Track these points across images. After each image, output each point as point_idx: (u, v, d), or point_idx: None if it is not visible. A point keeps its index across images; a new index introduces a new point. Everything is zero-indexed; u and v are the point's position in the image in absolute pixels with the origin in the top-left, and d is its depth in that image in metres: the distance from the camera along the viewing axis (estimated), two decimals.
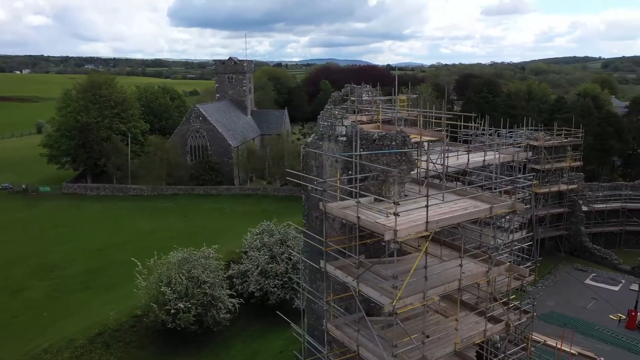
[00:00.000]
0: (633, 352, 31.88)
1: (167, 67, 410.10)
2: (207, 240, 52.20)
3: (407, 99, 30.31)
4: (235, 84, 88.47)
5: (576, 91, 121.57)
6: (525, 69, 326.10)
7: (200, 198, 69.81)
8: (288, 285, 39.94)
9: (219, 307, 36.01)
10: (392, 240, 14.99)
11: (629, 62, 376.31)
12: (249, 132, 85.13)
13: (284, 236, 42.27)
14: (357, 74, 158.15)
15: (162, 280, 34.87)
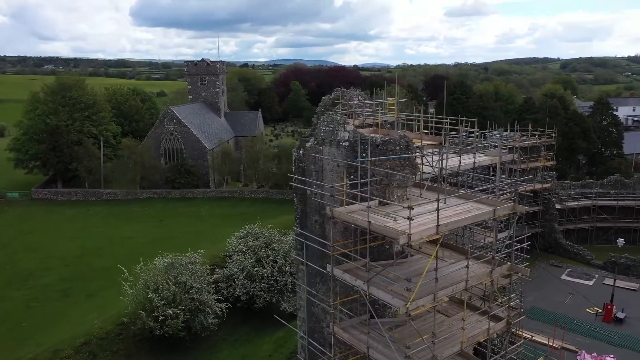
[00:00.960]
0: (611, 344, 33.18)
1: (131, 68, 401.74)
2: (186, 244, 51.67)
3: (396, 103, 30.87)
4: (209, 85, 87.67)
5: (539, 91, 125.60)
6: (489, 69, 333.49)
7: (176, 202, 68.95)
8: (274, 288, 40.04)
9: (207, 312, 35.78)
10: (405, 244, 15.32)
11: (586, 62, 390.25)
12: (223, 134, 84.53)
13: (269, 239, 42.29)
14: (327, 74, 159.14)
15: (149, 286, 34.38)
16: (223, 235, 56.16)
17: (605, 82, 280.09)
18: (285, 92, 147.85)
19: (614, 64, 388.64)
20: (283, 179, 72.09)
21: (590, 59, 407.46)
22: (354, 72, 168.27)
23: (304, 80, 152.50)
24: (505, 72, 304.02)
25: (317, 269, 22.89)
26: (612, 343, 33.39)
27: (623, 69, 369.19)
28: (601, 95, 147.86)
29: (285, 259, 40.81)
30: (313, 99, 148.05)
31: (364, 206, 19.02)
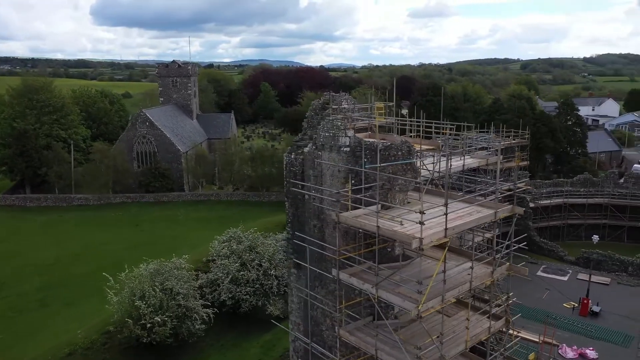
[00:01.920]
0: (589, 337, 34.54)
1: (92, 68, 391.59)
2: (166, 249, 51.19)
3: (384, 107, 31.38)
4: (180, 87, 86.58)
5: (505, 92, 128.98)
6: (452, 70, 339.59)
7: (151, 206, 67.86)
8: (260, 291, 40.01)
9: (194, 318, 35.47)
10: (417, 248, 15.74)
11: (545, 63, 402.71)
12: (196, 137, 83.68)
13: (252, 242, 42.21)
14: (295, 75, 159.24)
15: (135, 294, 33.84)
16: (202, 239, 55.74)
17: (564, 83, 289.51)
18: (254, 93, 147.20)
19: (571, 65, 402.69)
20: (259, 181, 72.01)
21: (548, 60, 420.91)
22: (322, 72, 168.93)
23: (273, 82, 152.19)
24: (468, 73, 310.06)
25: (316, 272, 23.10)
26: (590, 336, 34.76)
27: (579, 70, 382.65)
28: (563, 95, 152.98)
29: (270, 262, 40.85)
30: (283, 100, 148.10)
31: (369, 210, 19.42)
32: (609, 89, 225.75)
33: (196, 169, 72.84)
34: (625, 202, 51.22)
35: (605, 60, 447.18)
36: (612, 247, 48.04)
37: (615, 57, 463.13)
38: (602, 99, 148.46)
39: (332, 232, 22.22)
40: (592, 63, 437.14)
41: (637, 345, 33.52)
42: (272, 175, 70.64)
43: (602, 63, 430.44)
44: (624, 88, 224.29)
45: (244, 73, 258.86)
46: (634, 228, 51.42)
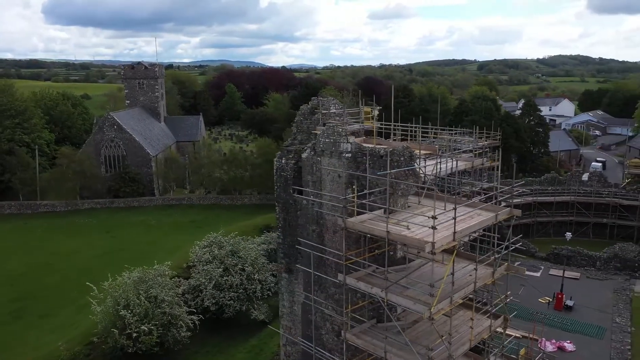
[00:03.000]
0: (565, 331, 36.02)
1: (46, 69, 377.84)
2: (141, 256, 50.29)
3: (372, 111, 31.87)
4: (147, 89, 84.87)
5: (468, 93, 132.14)
6: (413, 71, 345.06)
7: (122, 211, 66.31)
8: (243, 296, 39.78)
9: (180, 325, 34.99)
10: (430, 252, 16.19)
11: (501, 64, 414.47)
12: (165, 140, 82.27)
13: (234, 247, 41.93)
14: (260, 77, 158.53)
15: (119, 303, 33.11)
16: (177, 244, 54.98)
17: (519, 83, 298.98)
18: (219, 94, 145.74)
19: (525, 66, 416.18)
20: (232, 184, 71.46)
21: (504, 61, 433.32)
22: (287, 74, 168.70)
23: (238, 83, 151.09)
24: (428, 74, 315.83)
25: (315, 276, 23.29)
26: (566, 329, 36.25)
27: (533, 71, 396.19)
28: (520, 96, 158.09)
29: (253, 267, 40.69)
30: (248, 102, 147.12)
31: (374, 215, 19.79)
32: (562, 89, 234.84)
33: (167, 173, 71.63)
34: (590, 199, 53.52)
35: (557, 61, 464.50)
36: (579, 243, 50.12)
37: (566, 58, 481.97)
38: (558, 99, 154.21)
39: (332, 236, 22.51)
40: (545, 64, 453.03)
41: (610, 337, 35.18)
42: (245, 179, 70.29)
43: (554, 64, 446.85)
44: (576, 88, 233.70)
45: (206, 74, 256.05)
46: (599, 224, 53.80)
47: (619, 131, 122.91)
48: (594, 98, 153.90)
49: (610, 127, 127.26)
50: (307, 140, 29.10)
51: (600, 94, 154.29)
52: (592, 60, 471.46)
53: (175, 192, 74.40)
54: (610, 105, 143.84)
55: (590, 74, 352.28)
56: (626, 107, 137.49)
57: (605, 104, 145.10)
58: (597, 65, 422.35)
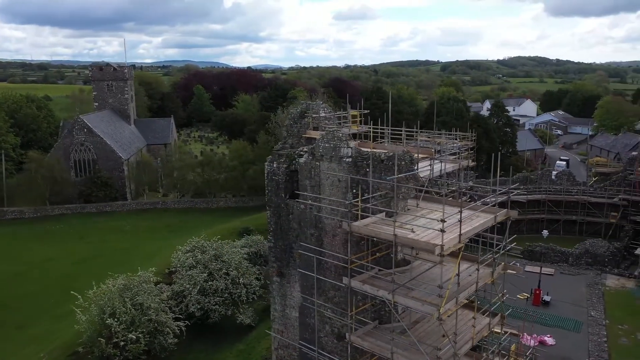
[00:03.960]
0: (545, 325, 37.29)
1: (1, 69, 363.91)
2: (118, 262, 49.41)
3: (359, 114, 32.27)
4: (116, 91, 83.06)
5: (435, 94, 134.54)
6: (378, 71, 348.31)
7: (94, 216, 64.73)
8: (229, 301, 39.53)
9: (166, 332, 34.52)
10: (439, 254, 16.62)
11: (463, 65, 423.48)
12: (136, 143, 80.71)
13: (218, 251, 41.59)
14: (229, 78, 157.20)
15: (104, 311, 32.43)
16: (155, 249, 54.15)
17: (481, 84, 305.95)
18: (187, 96, 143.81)
19: (486, 67, 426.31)
20: (206, 187, 70.79)
21: (466, 62, 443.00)
22: (256, 75, 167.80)
23: (206, 84, 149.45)
24: (393, 74, 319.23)
25: (313, 280, 23.48)
26: (545, 324, 37.51)
27: (494, 71, 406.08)
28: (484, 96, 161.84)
29: (237, 271, 40.48)
30: (217, 103, 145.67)
31: (377, 219, 20.13)
32: (523, 89, 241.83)
33: (140, 177, 70.30)
34: (560, 197, 55.46)
35: (516, 62, 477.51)
36: (551, 240, 51.80)
37: (525, 59, 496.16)
38: (521, 99, 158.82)
39: (331, 240, 22.75)
40: (505, 65, 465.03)
41: (587, 330, 36.61)
42: (220, 181, 69.75)
43: (514, 65, 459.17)
44: (535, 89, 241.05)
45: (170, 74, 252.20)
46: (569, 221, 55.80)
47: (579, 130, 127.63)
48: (555, 98, 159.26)
49: (571, 127, 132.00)
50: (298, 144, 29.30)
51: (560, 95, 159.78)
52: (550, 61, 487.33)
53: (148, 195, 73.10)
54: (570, 105, 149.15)
55: (548, 74, 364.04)
56: (585, 107, 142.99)
57: (565, 104, 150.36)
58: (555, 66, 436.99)
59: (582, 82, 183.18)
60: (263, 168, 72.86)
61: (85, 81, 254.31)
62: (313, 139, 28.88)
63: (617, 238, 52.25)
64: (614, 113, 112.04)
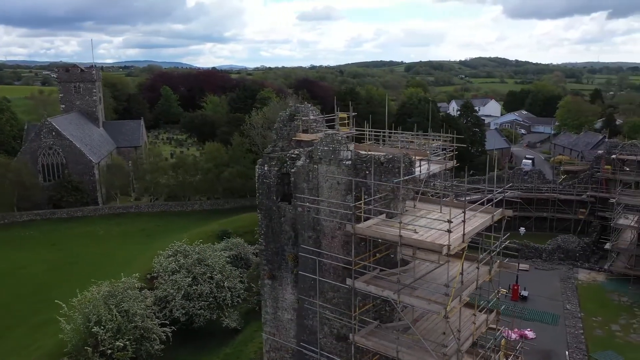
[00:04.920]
0: (524, 320, 38.50)
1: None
2: (94, 269, 48.50)
3: (348, 117, 32.61)
4: (84, 93, 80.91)
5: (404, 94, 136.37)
6: (344, 72, 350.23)
7: (65, 222, 62.98)
8: (213, 305, 39.29)
9: (153, 338, 34.07)
10: (445, 254, 17.09)
11: (427, 66, 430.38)
12: (106, 146, 78.87)
13: (201, 255, 41.27)
14: (196, 79, 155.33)
15: (90, 319, 31.75)
16: (132, 254, 53.21)
17: (445, 84, 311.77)
18: (153, 97, 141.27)
19: (449, 67, 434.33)
20: (181, 190, 69.89)
21: (429, 63, 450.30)
22: (224, 75, 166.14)
23: (173, 85, 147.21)
24: (359, 75, 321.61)
25: (311, 282, 23.68)
26: (524, 318, 38.72)
27: (457, 72, 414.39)
28: (449, 96, 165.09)
29: (222, 274, 40.26)
30: (185, 104, 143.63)
31: (379, 220, 20.48)
32: (485, 89, 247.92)
33: (112, 180, 68.75)
34: (532, 195, 57.28)
35: (478, 63, 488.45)
36: (524, 236, 53.47)
37: (486, 60, 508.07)
38: (486, 99, 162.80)
39: (330, 242, 22.98)
40: (467, 66, 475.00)
41: (564, 323, 38.04)
42: (194, 184, 68.99)
43: (475, 66, 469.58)
44: (497, 89, 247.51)
45: (132, 75, 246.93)
46: (540, 218, 57.69)
47: (542, 129, 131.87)
48: (518, 99, 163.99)
49: (534, 126, 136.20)
50: (289, 147, 29.41)
51: (523, 95, 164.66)
52: (509, 62, 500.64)
53: (120, 200, 71.59)
54: (532, 105, 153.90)
55: (508, 75, 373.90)
56: (546, 107, 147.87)
57: (528, 104, 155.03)
58: (514, 67, 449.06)
59: (543, 83, 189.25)
60: (238, 170, 72.61)
61: (43, 82, 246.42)
62: (303, 142, 29.13)
63: (586, 233, 54.35)
64: (574, 112, 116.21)
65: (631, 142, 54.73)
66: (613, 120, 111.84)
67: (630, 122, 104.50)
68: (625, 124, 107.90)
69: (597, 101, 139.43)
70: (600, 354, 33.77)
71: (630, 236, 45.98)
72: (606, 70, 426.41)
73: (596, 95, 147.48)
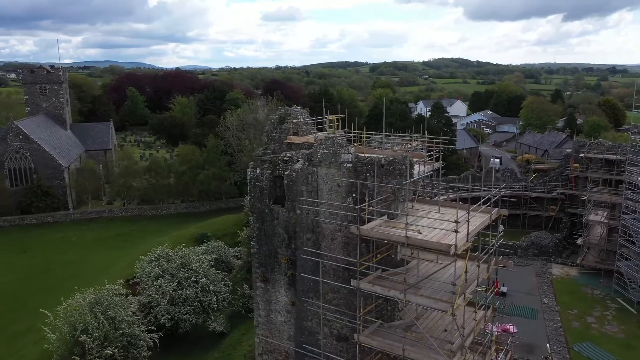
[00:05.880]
0: (505, 315, 39.47)
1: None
2: (69, 276, 47.58)
3: (337, 119, 32.94)
4: (50, 95, 78.53)
5: (373, 95, 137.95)
6: (310, 72, 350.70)
7: (35, 228, 61.07)
8: (199, 309, 38.92)
9: (140, 345, 33.54)
10: (453, 254, 17.59)
11: (391, 66, 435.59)
12: (75, 149, 76.76)
13: (185, 259, 40.79)
14: (163, 80, 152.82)
15: (76, 328, 31.01)
16: (108, 260, 52.14)
17: (409, 84, 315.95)
18: (119, 98, 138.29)
19: (413, 68, 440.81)
20: (155, 193, 68.79)
21: (393, 63, 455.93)
22: (192, 76, 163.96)
23: (139, 86, 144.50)
24: (325, 76, 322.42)
25: (310, 283, 23.89)
26: (505, 313, 39.77)
27: (420, 72, 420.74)
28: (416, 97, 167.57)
29: (207, 278, 39.92)
30: (152, 106, 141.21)
31: (382, 221, 20.85)
32: (448, 90, 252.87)
33: (84, 185, 67.00)
34: (505, 193, 58.81)
35: (440, 63, 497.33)
36: None
37: (448, 61, 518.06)
38: (452, 100, 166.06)
39: (329, 243, 23.23)
40: (430, 66, 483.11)
41: (542, 316, 39.35)
42: (169, 187, 68.05)
43: (438, 66, 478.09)
44: (460, 89, 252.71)
45: (93, 75, 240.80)
46: (513, 215, 59.30)
47: (507, 129, 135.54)
48: (482, 99, 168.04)
49: (499, 126, 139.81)
50: (280, 150, 29.53)
51: (487, 95, 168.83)
52: (471, 63, 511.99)
53: (91, 204, 69.87)
54: (497, 105, 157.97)
55: (470, 75, 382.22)
56: (510, 107, 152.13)
57: (492, 104, 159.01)
58: (476, 68, 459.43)
59: (506, 83, 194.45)
60: (214, 172, 71.84)
61: None
62: (294, 144, 29.30)
63: (557, 229, 56.26)
64: (537, 112, 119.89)
65: (597, 141, 56.94)
66: (574, 120, 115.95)
67: (591, 121, 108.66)
68: (585, 123, 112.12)
69: (558, 101, 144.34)
70: (579, 346, 35.07)
71: (600, 231, 47.94)
72: (562, 71, 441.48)
73: (557, 95, 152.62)
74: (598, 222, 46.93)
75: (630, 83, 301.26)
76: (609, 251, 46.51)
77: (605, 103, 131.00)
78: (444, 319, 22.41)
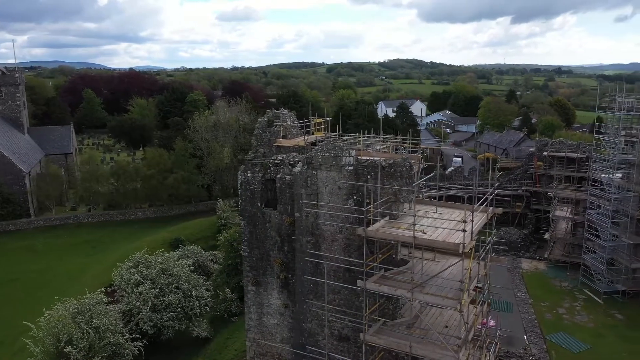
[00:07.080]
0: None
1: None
2: (38, 286, 46.25)
3: (324, 121, 33.31)
4: (7, 97, 75.28)
5: (336, 96, 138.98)
6: (267, 73, 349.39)
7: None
8: (182, 315, 38.38)
9: (126, 354, 32.84)
10: (461, 253, 18.26)
11: (348, 67, 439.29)
12: (34, 154, 73.86)
13: (165, 265, 40.12)
14: (121, 81, 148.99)
15: (60, 339, 30.06)
16: (78, 268, 50.73)
17: (366, 85, 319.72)
18: (74, 100, 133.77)
19: (369, 69, 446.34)
20: (122, 198, 67.16)
21: (350, 64, 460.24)
22: (150, 78, 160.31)
23: (95, 87, 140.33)
24: (283, 76, 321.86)
25: (310, 285, 24.14)
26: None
27: (377, 73, 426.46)
28: (375, 98, 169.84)
29: (188, 283, 39.41)
30: (109, 108, 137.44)
31: (384, 222, 21.34)
32: (405, 90, 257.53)
33: (46, 190, 64.57)
34: (472, 192, 60.67)
35: (396, 64, 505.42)
36: None
37: (404, 62, 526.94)
38: (411, 100, 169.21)
39: (330, 245, 23.57)
40: (386, 67, 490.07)
41: (517, 309, 40.93)
42: (137, 192, 66.57)
43: (394, 67, 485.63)
44: (416, 89, 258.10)
45: (41, 75, 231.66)
46: None
47: (465, 129, 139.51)
48: (440, 99, 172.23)
49: (458, 125, 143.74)
50: (270, 153, 29.64)
51: (445, 96, 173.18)
52: (425, 63, 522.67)
53: (55, 210, 67.45)
54: (455, 105, 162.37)
55: (425, 76, 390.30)
56: (467, 107, 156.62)
57: (450, 105, 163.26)
58: (430, 68, 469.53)
59: (462, 84, 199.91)
60: (183, 176, 70.77)
61: None
62: (284, 148, 29.49)
63: (523, 225, 58.49)
64: (494, 112, 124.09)
65: (559, 140, 59.57)
66: (529, 119, 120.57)
67: (544, 120, 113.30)
68: (539, 122, 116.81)
69: (512, 101, 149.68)
70: (554, 336, 36.70)
71: (565, 226, 50.23)
72: (512, 72, 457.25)
73: (511, 95, 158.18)
74: (564, 217, 49.14)
75: (575, 83, 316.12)
76: (574, 245, 48.80)
77: (556, 103, 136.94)
78: (443, 315, 23.15)
